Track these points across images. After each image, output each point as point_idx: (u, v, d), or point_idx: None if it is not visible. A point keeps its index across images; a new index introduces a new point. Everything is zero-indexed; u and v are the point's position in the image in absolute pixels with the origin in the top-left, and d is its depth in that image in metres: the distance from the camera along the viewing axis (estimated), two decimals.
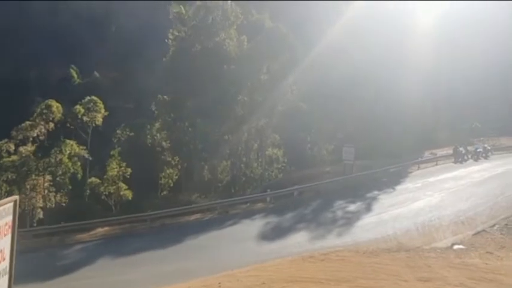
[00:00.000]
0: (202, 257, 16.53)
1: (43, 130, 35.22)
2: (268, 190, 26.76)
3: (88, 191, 40.87)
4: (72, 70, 75.43)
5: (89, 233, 20.62)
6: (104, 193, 40.25)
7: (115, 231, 21.19)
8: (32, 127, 34.82)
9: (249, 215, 22.70)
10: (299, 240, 18.24)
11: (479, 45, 51.11)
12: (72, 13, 79.06)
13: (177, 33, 34.63)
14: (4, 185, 36.18)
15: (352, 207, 22.83)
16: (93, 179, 41.21)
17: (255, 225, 20.49)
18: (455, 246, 16.79)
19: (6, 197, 32.57)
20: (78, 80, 74.22)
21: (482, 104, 52.73)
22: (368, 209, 22.39)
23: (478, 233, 18.28)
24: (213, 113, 34.49)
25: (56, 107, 35.68)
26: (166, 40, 35.31)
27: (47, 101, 36.02)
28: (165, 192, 42.28)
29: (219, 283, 13.03)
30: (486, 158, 36.60)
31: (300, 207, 23.46)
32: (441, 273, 13.35)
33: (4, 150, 36.63)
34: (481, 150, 37.22)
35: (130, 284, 13.77)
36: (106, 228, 21.64)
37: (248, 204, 25.64)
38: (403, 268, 14.23)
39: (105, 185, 39.89)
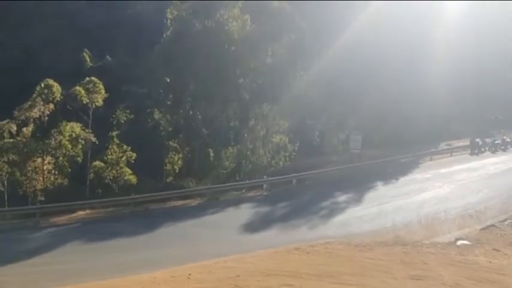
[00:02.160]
0: (178, 245, 15.39)
1: (43, 110, 34.42)
2: (265, 177, 25.37)
3: (92, 174, 40.24)
4: (85, 54, 74.69)
5: (69, 215, 19.59)
6: (108, 177, 39.63)
7: (95, 215, 20.20)
8: (32, 107, 34.05)
9: (240, 202, 21.48)
10: (288, 230, 17.03)
11: (501, 36, 48.75)
12: None
13: (176, 12, 33.20)
14: (6, 166, 35.67)
15: (352, 197, 21.42)
16: (97, 162, 40.50)
17: (243, 213, 19.27)
18: (459, 242, 15.29)
19: (8, 178, 31.84)
20: (90, 64, 73.43)
21: (504, 95, 50.37)
22: (368, 199, 20.96)
23: (487, 227, 16.78)
24: (216, 97, 33.16)
25: (56, 87, 34.76)
26: (164, 20, 33.98)
27: (46, 81, 35.10)
28: (170, 178, 41.35)
29: (189, 274, 11.84)
30: (505, 150, 34.81)
31: (296, 196, 22.20)
32: (437, 272, 11.89)
33: (6, 131, 36.06)
34: (499, 142, 35.43)
35: (89, 272, 12.62)
36: (88, 211, 20.65)
37: (243, 190, 24.38)
38: (397, 264, 12.85)
39: (109, 168, 39.25)
